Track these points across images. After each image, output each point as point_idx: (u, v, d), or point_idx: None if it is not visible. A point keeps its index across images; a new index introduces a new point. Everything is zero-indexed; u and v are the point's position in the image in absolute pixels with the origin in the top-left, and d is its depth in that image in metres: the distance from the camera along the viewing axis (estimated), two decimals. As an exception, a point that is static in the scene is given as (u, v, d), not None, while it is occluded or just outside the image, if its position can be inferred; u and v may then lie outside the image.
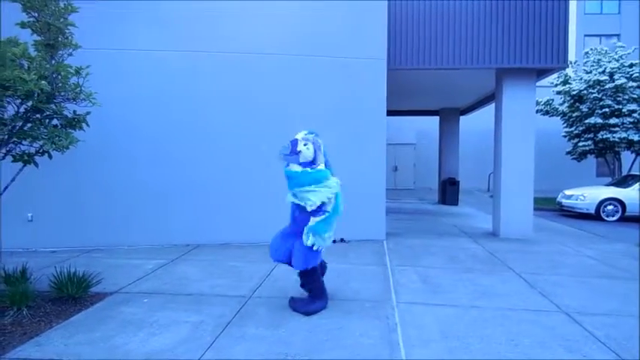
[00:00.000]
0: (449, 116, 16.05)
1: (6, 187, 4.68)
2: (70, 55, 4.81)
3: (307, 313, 4.47)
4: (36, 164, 4.76)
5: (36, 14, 4.53)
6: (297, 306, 4.59)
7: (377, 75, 8.04)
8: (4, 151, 4.56)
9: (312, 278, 4.64)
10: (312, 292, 4.65)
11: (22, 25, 4.57)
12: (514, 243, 8.31)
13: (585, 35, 24.70)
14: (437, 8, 8.52)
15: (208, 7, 7.57)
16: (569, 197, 13.70)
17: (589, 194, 13.12)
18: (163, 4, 7.48)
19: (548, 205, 14.86)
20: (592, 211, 12.84)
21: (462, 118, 16.24)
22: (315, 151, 4.47)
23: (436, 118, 16.76)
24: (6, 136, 4.41)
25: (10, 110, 4.49)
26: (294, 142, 4.42)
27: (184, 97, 7.61)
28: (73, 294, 4.70)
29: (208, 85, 7.65)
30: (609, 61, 15.73)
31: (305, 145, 4.41)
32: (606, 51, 16.36)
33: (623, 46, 16.33)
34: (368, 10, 7.97)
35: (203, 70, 7.64)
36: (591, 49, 17.10)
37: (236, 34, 7.68)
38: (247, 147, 7.77)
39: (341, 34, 7.94)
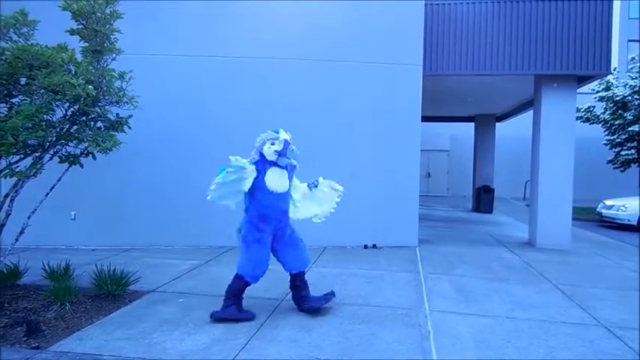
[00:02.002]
0: (485, 122, 15.78)
1: (52, 187, 4.88)
2: (114, 59, 4.99)
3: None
4: (81, 165, 4.95)
5: (84, 21, 4.72)
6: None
7: (412, 81, 8.00)
8: (51, 152, 4.76)
9: None
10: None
11: (72, 32, 4.77)
12: (551, 253, 8.09)
13: (629, 40, 23.84)
14: (474, 13, 8.41)
15: (246, 15, 7.72)
16: (609, 207, 13.23)
17: (631, 205, 12.63)
18: (201, 9, 7.67)
19: (587, 216, 14.39)
20: (634, 222, 12.35)
21: (497, 124, 15.94)
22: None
23: (471, 125, 16.50)
24: (54, 138, 4.61)
25: (58, 113, 4.70)
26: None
27: (223, 101, 7.78)
28: (112, 291, 4.86)
29: (242, 90, 7.77)
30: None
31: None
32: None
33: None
34: (404, 15, 7.95)
35: (242, 75, 7.79)
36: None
37: (273, 40, 7.80)
38: (281, 151, 7.84)
39: (377, 40, 7.95)
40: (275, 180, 4.38)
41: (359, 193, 7.94)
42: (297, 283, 4.72)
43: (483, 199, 15.07)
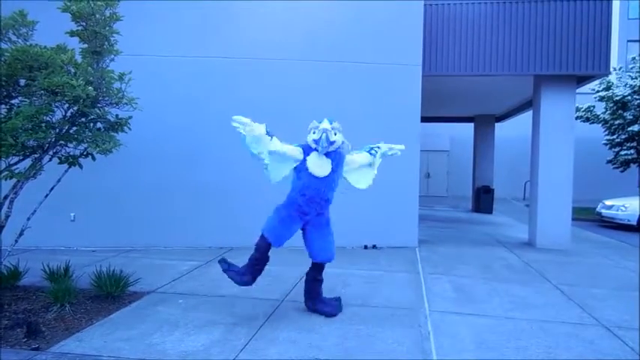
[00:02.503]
0: (484, 123, 15.79)
1: (52, 188, 4.88)
2: (112, 60, 4.99)
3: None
4: (80, 166, 4.95)
5: (84, 23, 4.73)
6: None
7: (412, 81, 8.00)
8: (51, 153, 4.77)
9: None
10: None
11: (71, 33, 4.77)
12: (551, 253, 8.09)
13: (628, 41, 23.86)
14: (474, 13, 8.41)
15: (244, 16, 7.73)
16: (609, 207, 13.23)
17: (630, 205, 12.63)
18: (199, 10, 7.68)
19: (586, 216, 14.39)
20: (634, 222, 12.35)
21: (497, 124, 15.95)
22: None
23: (471, 125, 16.51)
24: (53, 139, 4.61)
25: (58, 114, 4.70)
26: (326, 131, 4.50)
27: (222, 102, 7.76)
28: (112, 292, 4.86)
29: (242, 90, 7.77)
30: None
31: (335, 134, 4.57)
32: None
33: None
34: (403, 16, 7.95)
35: (241, 76, 7.79)
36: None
37: (268, 41, 7.80)
38: (281, 152, 7.85)
39: (376, 40, 7.96)
40: (314, 164, 4.53)
41: (359, 194, 7.92)
42: (316, 275, 4.77)
43: (483, 199, 15.07)
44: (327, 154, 4.57)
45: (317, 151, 4.54)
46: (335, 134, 4.53)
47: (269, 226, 4.61)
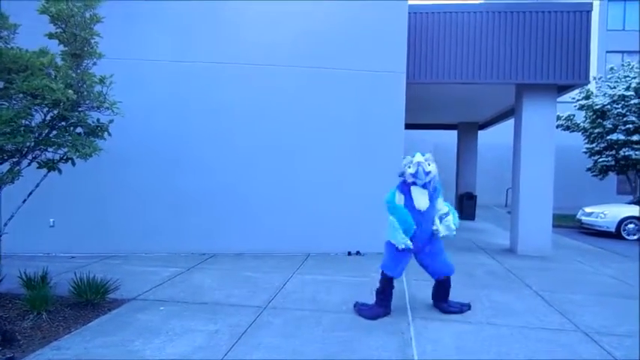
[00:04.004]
0: (467, 130, 15.97)
1: (30, 193, 4.79)
2: (94, 64, 4.94)
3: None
4: (59, 171, 4.87)
5: (63, 25, 4.67)
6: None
7: (396, 88, 8.05)
8: (30, 157, 4.68)
9: None
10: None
11: (50, 35, 4.71)
12: (532, 260, 8.18)
13: (607, 52, 24.41)
14: (457, 22, 8.52)
15: (229, 21, 7.72)
16: (589, 215, 13.45)
17: (610, 212, 12.86)
18: (183, 16, 7.65)
19: (567, 223, 14.60)
20: (612, 229, 12.57)
21: (480, 132, 16.14)
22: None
23: (454, 132, 16.68)
24: (32, 144, 4.53)
25: (37, 118, 4.62)
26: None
27: (203, 108, 7.74)
28: (91, 299, 4.77)
29: (228, 96, 7.77)
30: (635, 77, 15.50)
31: (429, 165, 4.77)
32: (633, 66, 16.13)
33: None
34: (388, 23, 8.01)
35: (222, 81, 7.76)
36: (622, 65, 16.89)
37: (254, 47, 7.80)
38: (264, 157, 7.85)
39: (360, 47, 8.00)
40: (417, 197, 4.80)
41: (343, 200, 7.96)
42: (440, 289, 5.14)
43: (466, 206, 15.20)
44: (424, 185, 4.79)
45: (416, 184, 4.78)
46: (429, 164, 4.75)
47: (385, 263, 5.00)
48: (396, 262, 4.90)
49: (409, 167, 4.78)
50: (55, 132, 4.71)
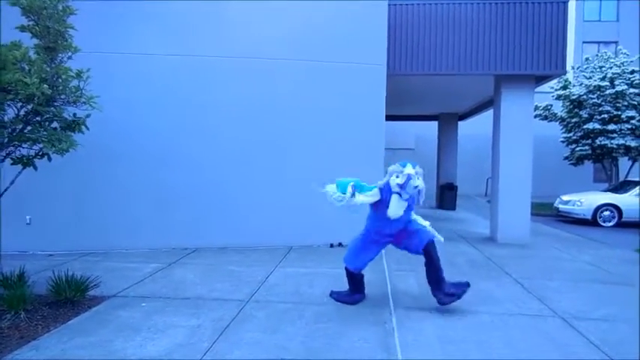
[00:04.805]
0: (447, 121, 16.10)
1: (5, 190, 4.69)
2: (70, 58, 4.83)
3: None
4: (35, 167, 4.77)
5: (35, 17, 4.55)
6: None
7: (376, 80, 8.06)
8: (3, 153, 4.57)
9: None
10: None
11: (22, 28, 4.59)
12: (511, 248, 8.32)
13: (584, 42, 24.78)
14: (437, 14, 8.55)
15: (209, 12, 7.62)
16: (566, 203, 13.72)
17: (586, 200, 13.15)
18: (163, 8, 7.52)
19: (545, 211, 14.87)
20: (589, 216, 12.86)
21: (460, 123, 16.28)
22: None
23: (435, 123, 16.79)
24: (6, 139, 4.42)
25: (10, 113, 4.51)
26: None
27: (183, 101, 7.64)
28: (70, 297, 4.69)
29: (208, 89, 7.68)
30: (610, 67, 15.79)
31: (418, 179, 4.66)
32: (609, 57, 16.41)
33: (628, 54, 16.39)
34: (368, 15, 8.00)
35: (204, 74, 7.67)
36: (597, 55, 17.18)
37: (235, 39, 7.72)
38: (246, 151, 7.80)
39: (341, 40, 7.97)
40: (393, 207, 4.68)
41: (324, 192, 7.94)
42: (427, 259, 4.94)
43: (447, 196, 15.36)
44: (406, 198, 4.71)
45: (399, 195, 4.65)
46: (418, 179, 4.63)
47: (345, 256, 5.20)
48: (355, 254, 5.08)
49: (397, 177, 4.64)
50: (29, 127, 4.60)
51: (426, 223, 5.05)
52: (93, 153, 6.84)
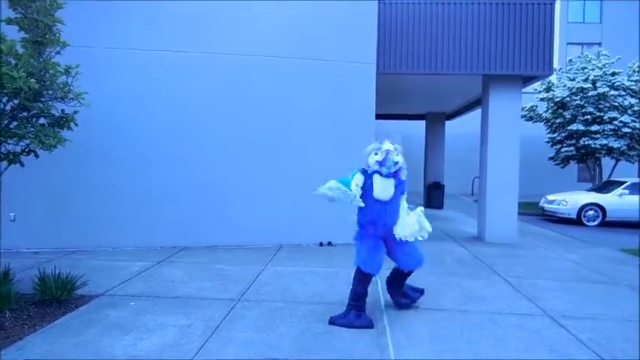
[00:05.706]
0: (435, 120, 16.19)
1: (-11, 187, 4.59)
2: (58, 53, 4.73)
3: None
4: (21, 164, 4.67)
5: (23, 10, 4.45)
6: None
7: (366, 79, 8.07)
8: (-12, 149, 4.47)
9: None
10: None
11: (9, 21, 4.49)
12: (499, 247, 8.40)
13: (568, 43, 25.09)
14: (426, 14, 8.59)
15: (199, 9, 7.54)
16: (551, 202, 13.90)
17: (570, 199, 13.33)
18: (153, 4, 7.43)
19: (530, 210, 15.06)
20: (573, 216, 13.05)
21: (447, 122, 16.38)
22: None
23: (422, 123, 16.87)
24: (-9, 135, 4.32)
25: (-4, 108, 4.41)
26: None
27: (173, 99, 7.56)
28: (57, 296, 4.61)
29: (198, 86, 7.60)
30: (592, 69, 16.01)
31: (397, 155, 4.47)
32: (591, 59, 16.64)
33: (608, 55, 16.63)
34: (358, 14, 8.00)
35: (194, 71, 7.59)
36: (579, 57, 17.42)
37: (226, 37, 7.66)
38: (235, 149, 7.74)
39: (331, 38, 7.96)
40: (378, 187, 4.42)
41: (313, 191, 7.92)
42: (402, 280, 4.83)
43: (434, 195, 15.45)
44: (389, 175, 4.45)
45: (380, 173, 4.42)
46: (397, 155, 4.45)
47: (360, 259, 4.54)
48: (371, 254, 4.51)
49: (375, 154, 4.44)
50: (16, 123, 4.50)
51: (428, 227, 4.77)
52: (79, 149, 6.72)
